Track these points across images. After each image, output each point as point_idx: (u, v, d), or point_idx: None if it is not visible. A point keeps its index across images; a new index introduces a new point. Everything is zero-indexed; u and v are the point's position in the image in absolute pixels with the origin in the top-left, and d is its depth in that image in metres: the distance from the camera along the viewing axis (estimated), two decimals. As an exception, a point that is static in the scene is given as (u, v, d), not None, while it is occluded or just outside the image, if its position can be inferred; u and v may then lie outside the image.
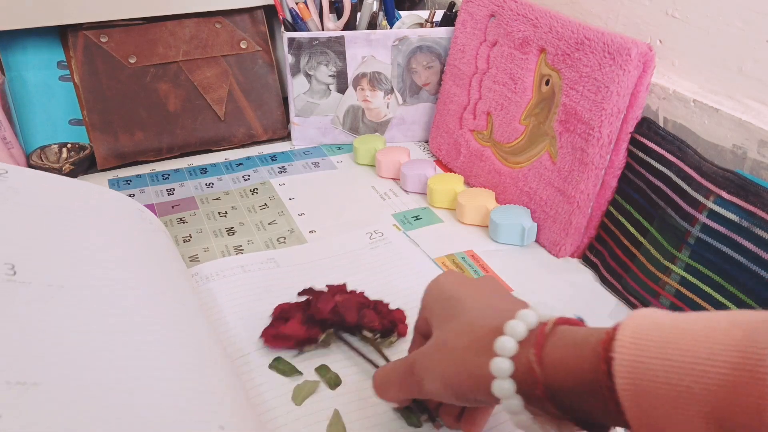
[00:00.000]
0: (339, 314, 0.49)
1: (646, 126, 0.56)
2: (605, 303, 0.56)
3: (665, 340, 0.26)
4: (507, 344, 0.31)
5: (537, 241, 0.64)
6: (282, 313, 0.51)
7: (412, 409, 0.44)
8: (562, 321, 0.32)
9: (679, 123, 0.57)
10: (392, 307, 0.52)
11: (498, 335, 0.32)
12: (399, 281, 0.58)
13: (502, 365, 0.31)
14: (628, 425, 0.27)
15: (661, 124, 0.58)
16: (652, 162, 0.55)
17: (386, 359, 0.48)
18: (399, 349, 0.50)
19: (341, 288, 0.53)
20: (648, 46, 0.55)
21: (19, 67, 0.80)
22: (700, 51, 0.56)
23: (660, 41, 0.59)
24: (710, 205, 0.48)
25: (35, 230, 0.42)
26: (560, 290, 0.58)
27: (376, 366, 0.47)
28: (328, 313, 0.49)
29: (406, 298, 0.55)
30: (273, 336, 0.49)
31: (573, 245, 0.62)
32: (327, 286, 0.53)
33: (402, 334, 0.51)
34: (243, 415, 0.39)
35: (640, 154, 0.56)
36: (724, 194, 0.48)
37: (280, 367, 0.48)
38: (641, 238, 0.55)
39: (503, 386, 0.31)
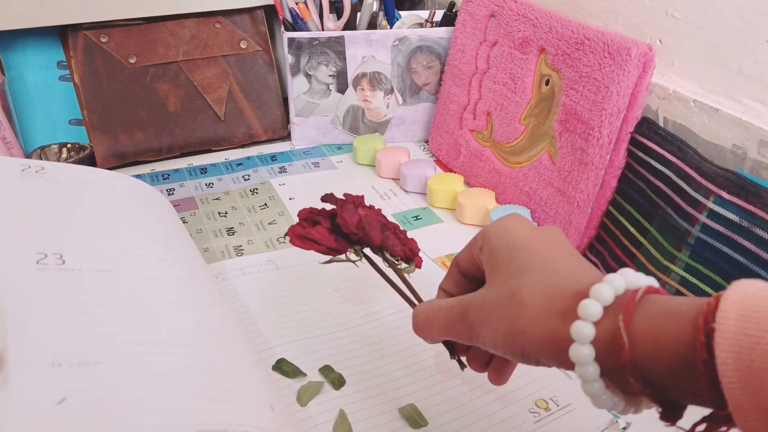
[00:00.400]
0: (364, 230, 0.46)
1: (646, 126, 0.56)
2: None
3: None
4: (592, 308, 0.29)
5: (537, 241, 0.64)
6: (310, 215, 0.48)
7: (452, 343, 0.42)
8: (652, 290, 0.30)
9: (679, 123, 0.57)
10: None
11: (581, 298, 0.30)
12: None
13: (584, 329, 0.29)
14: (719, 405, 0.25)
15: (661, 124, 0.58)
16: (652, 162, 0.55)
17: (412, 289, 0.45)
18: (414, 280, 0.48)
19: (360, 200, 0.50)
20: (648, 46, 0.55)
21: (19, 67, 0.80)
22: (700, 51, 0.56)
23: (660, 41, 0.59)
24: (710, 205, 0.48)
25: (78, 219, 0.43)
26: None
27: (407, 297, 0.45)
28: (354, 227, 0.46)
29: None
30: (300, 236, 0.46)
31: (573, 245, 0.62)
32: (345, 194, 0.49)
33: (418, 266, 0.48)
34: (279, 400, 0.40)
35: (640, 154, 0.56)
36: (724, 194, 0.48)
37: (283, 368, 0.48)
38: (641, 238, 0.55)
39: (582, 352, 0.29)
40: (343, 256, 0.48)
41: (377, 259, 0.48)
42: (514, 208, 0.65)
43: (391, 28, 0.84)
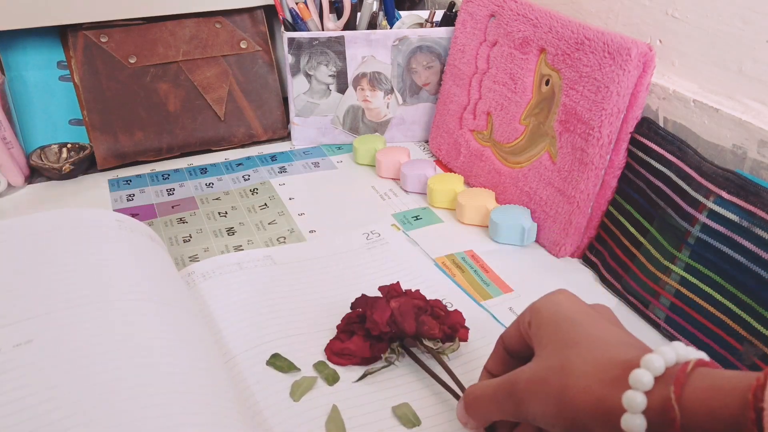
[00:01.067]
0: (397, 324, 0.46)
1: (646, 126, 0.56)
2: (605, 303, 0.55)
3: None
4: (644, 378, 0.30)
5: (537, 241, 0.64)
6: (348, 325, 0.48)
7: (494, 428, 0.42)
8: (701, 363, 0.31)
9: (679, 123, 0.57)
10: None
11: (632, 368, 0.31)
12: (399, 278, 0.58)
13: (636, 399, 0.30)
14: None
15: (661, 124, 0.58)
16: (652, 162, 0.55)
17: (452, 375, 0.45)
18: (462, 360, 0.48)
19: (395, 288, 0.49)
20: (648, 46, 0.55)
21: (19, 67, 0.80)
22: (700, 51, 0.56)
23: (660, 41, 0.59)
24: (710, 205, 0.48)
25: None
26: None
27: (444, 384, 0.45)
28: (386, 325, 0.46)
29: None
30: (336, 353, 0.47)
31: (573, 245, 0.62)
32: (379, 288, 0.50)
33: (463, 339, 0.48)
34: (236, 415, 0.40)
35: (640, 154, 0.56)
36: (724, 194, 0.48)
37: (277, 363, 0.48)
38: (641, 238, 0.55)
39: (635, 422, 0.30)
40: (378, 364, 0.47)
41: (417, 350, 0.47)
42: (515, 208, 0.65)
43: (391, 28, 0.84)
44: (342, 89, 0.82)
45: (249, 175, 0.78)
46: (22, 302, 0.42)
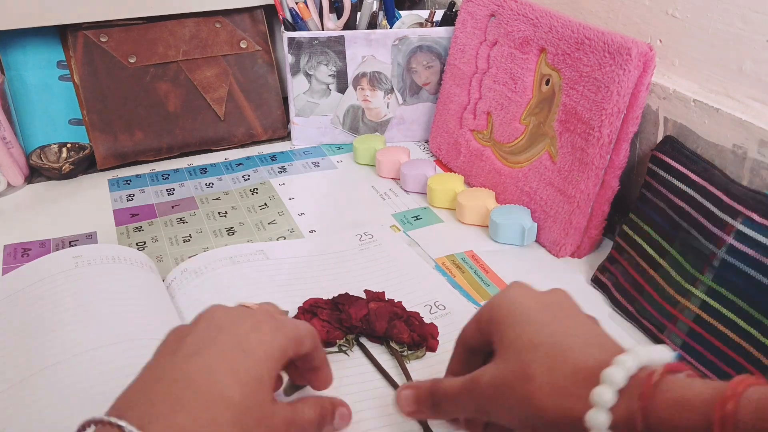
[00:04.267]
0: (369, 322, 0.49)
1: (669, 145, 0.54)
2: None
3: None
4: (605, 395, 0.29)
5: (537, 241, 0.64)
6: (311, 307, 0.50)
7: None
8: (670, 368, 0.30)
9: (679, 123, 0.57)
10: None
11: (595, 381, 0.30)
12: (387, 281, 0.58)
13: (599, 418, 0.29)
14: None
15: (661, 124, 0.58)
16: (675, 181, 0.53)
17: (407, 375, 0.47)
18: (425, 364, 0.49)
19: (379, 295, 0.52)
20: (648, 46, 0.55)
21: (18, 66, 0.80)
22: (700, 51, 0.56)
23: (660, 41, 0.59)
24: (739, 226, 0.46)
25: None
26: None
27: (391, 381, 0.47)
28: (359, 321, 0.48)
29: (396, 299, 0.55)
30: None
31: (573, 245, 0.62)
32: (365, 291, 0.52)
33: (432, 349, 0.49)
34: None
35: (662, 173, 0.54)
36: (756, 216, 0.46)
37: None
38: (660, 260, 0.53)
39: None
40: (331, 348, 0.49)
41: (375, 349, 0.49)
42: (515, 208, 0.65)
43: (391, 27, 0.84)
44: (342, 89, 0.82)
45: (249, 175, 0.78)
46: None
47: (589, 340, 0.34)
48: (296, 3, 0.80)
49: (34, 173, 0.79)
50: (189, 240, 0.65)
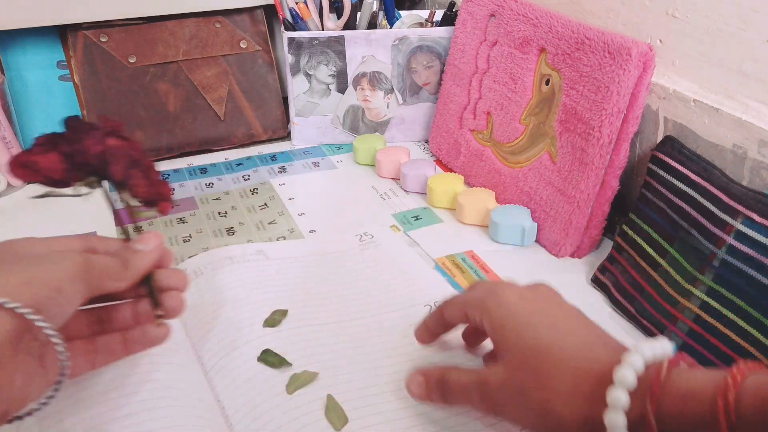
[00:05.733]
0: (105, 163, 0.40)
1: (669, 145, 0.54)
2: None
3: None
4: (621, 398, 0.31)
5: (537, 241, 0.64)
6: (50, 140, 0.41)
7: None
8: (674, 362, 0.31)
9: (679, 123, 0.57)
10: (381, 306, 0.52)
11: (608, 382, 0.31)
12: (388, 282, 0.58)
13: (618, 421, 0.30)
14: None
15: (661, 124, 0.58)
16: (675, 182, 0.53)
17: (138, 228, 0.42)
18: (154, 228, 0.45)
19: (118, 127, 0.43)
20: (648, 46, 0.55)
21: (18, 66, 0.80)
22: (700, 51, 0.56)
23: (660, 41, 0.59)
24: (738, 226, 0.46)
25: None
26: (560, 290, 0.58)
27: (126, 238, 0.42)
28: (93, 157, 0.40)
29: (398, 300, 0.55)
30: (21, 163, 0.39)
31: (573, 245, 0.62)
32: (101, 118, 0.43)
33: (163, 212, 0.44)
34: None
35: (662, 173, 0.54)
36: (755, 216, 0.46)
37: (269, 359, 0.48)
38: (660, 260, 0.53)
39: None
40: (68, 190, 0.41)
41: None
42: (515, 208, 0.65)
43: (391, 27, 0.84)
44: (342, 89, 0.82)
45: (249, 175, 0.78)
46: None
47: (590, 339, 0.35)
48: (296, 3, 0.80)
49: (34, 173, 0.79)
50: (189, 240, 0.65)
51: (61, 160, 0.40)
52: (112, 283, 0.38)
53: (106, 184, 0.43)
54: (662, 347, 0.32)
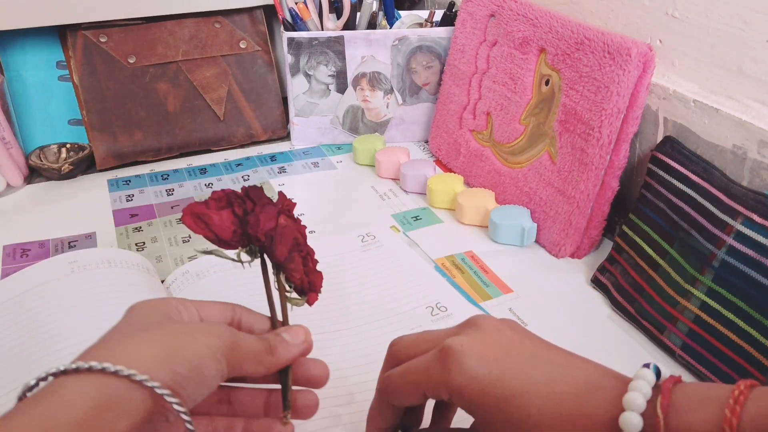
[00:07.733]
0: (272, 240, 0.40)
1: (669, 145, 0.54)
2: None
3: None
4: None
5: (537, 241, 0.64)
6: (228, 197, 0.41)
7: None
8: (666, 394, 0.30)
9: (679, 123, 0.57)
10: (384, 305, 0.52)
11: (613, 429, 0.29)
12: (388, 283, 0.58)
13: None
14: None
15: (661, 124, 0.58)
16: (675, 182, 0.52)
17: (286, 319, 0.42)
18: (296, 312, 0.44)
19: (291, 207, 0.43)
20: (648, 46, 0.55)
21: (18, 67, 0.80)
22: (700, 51, 0.56)
23: (660, 41, 0.59)
24: (738, 227, 0.46)
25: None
26: (560, 290, 0.58)
27: (274, 321, 0.42)
28: (263, 232, 0.40)
29: (398, 302, 0.55)
30: (195, 214, 0.39)
31: (573, 245, 0.62)
32: (280, 193, 0.44)
33: (310, 303, 0.43)
34: None
35: (661, 173, 0.54)
36: (755, 217, 0.45)
37: None
38: (659, 260, 0.52)
39: None
40: (231, 253, 0.41)
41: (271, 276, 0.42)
42: (514, 208, 0.65)
43: (390, 28, 0.83)
44: (341, 89, 0.82)
45: (248, 176, 0.78)
46: None
47: (580, 381, 0.32)
48: (296, 3, 0.80)
49: (34, 173, 0.79)
50: (188, 240, 0.65)
51: (233, 221, 0.40)
52: (253, 367, 0.36)
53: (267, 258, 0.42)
54: (651, 376, 0.30)
